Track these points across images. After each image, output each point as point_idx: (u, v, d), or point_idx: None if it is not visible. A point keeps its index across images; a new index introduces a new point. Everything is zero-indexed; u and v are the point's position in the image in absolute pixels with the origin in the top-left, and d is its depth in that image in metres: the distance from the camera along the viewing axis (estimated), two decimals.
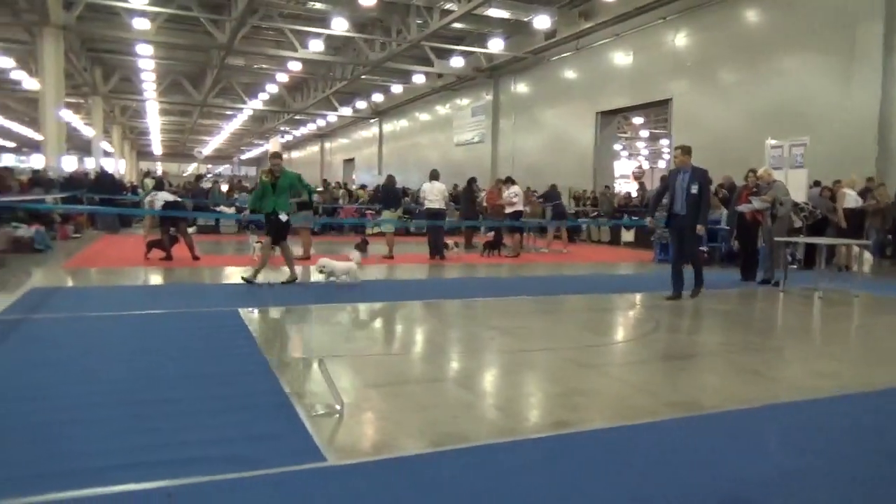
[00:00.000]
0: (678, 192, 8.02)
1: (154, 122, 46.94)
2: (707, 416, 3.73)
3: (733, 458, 3.12)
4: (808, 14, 15.39)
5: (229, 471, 2.75)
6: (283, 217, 8.55)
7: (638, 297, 8.70)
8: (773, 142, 14.12)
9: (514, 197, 14.63)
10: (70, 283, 8.47)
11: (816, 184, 13.20)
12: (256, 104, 38.07)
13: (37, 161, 31.78)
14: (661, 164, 40.74)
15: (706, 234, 10.35)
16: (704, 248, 11.49)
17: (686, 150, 8.15)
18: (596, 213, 19.53)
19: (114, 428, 3.27)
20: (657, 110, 26.85)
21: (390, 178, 14.09)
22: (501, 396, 4.20)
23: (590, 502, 2.61)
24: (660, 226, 8.58)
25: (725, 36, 17.66)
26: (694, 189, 7.89)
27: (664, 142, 36.92)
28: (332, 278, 8.61)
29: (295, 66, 28.89)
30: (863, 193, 12.47)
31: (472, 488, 2.70)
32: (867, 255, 11.73)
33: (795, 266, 11.88)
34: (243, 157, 69.52)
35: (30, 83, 28.91)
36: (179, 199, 12.74)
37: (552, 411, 3.85)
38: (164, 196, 11.58)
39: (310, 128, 49.23)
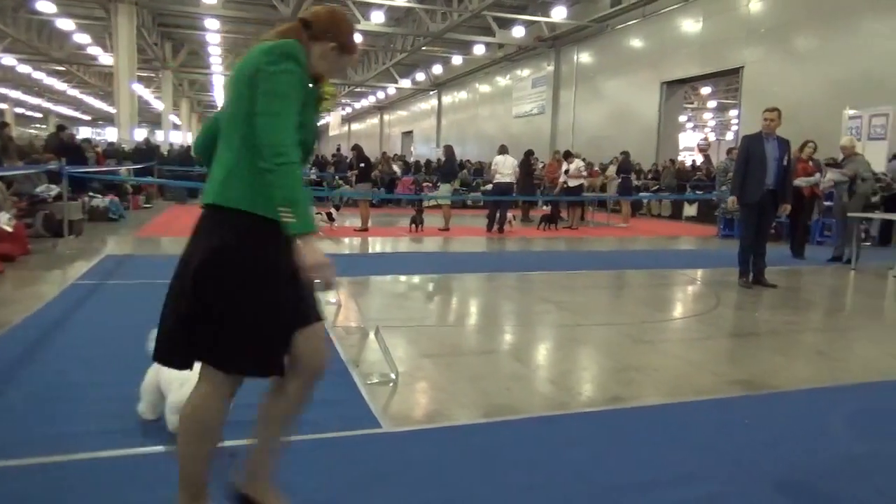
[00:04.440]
0: (770, 162, 6.98)
1: (220, 95, 48.12)
2: (769, 396, 3.64)
3: (795, 439, 3.03)
4: None
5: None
6: None
7: (699, 273, 8.48)
8: (852, 112, 13.36)
9: (581, 171, 14.59)
10: (142, 252, 8.86)
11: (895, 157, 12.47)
12: None
13: (111, 133, 33.20)
14: (729, 136, 39.17)
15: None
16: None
17: (780, 114, 7.10)
18: (658, 188, 19.01)
19: None
20: (727, 80, 25.78)
21: (449, 150, 14.05)
22: (555, 370, 4.19)
23: (642, 478, 2.60)
24: (750, 202, 7.11)
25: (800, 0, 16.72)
26: (785, 161, 7.09)
27: (732, 112, 35.43)
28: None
29: (356, 38, 29.00)
30: None
31: (523, 459, 2.72)
32: None
33: (869, 243, 11.30)
34: None
35: (105, 58, 30.12)
36: None
37: (606, 386, 3.83)
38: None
39: (370, 100, 49.53)
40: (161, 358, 2.00)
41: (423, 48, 29.95)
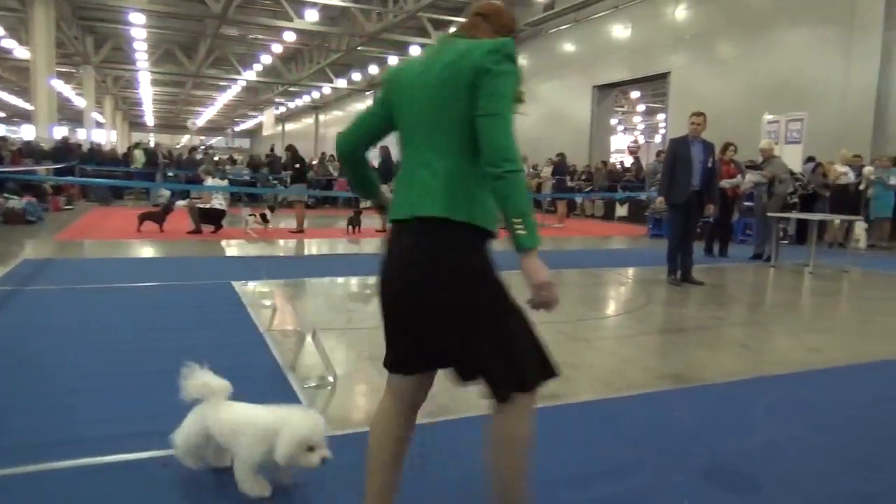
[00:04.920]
0: (696, 164, 7.27)
1: (146, 92, 46.42)
2: (696, 389, 3.79)
3: (722, 429, 3.17)
4: None
5: None
6: None
7: (631, 271, 8.75)
8: (770, 117, 14.08)
9: None
10: (63, 255, 8.45)
11: (810, 159, 13.20)
12: (250, 75, 37.62)
13: (27, 132, 31.46)
14: (658, 139, 40.58)
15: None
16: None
17: (705, 118, 7.39)
18: (591, 189, 19.50)
19: (108, 399, 3.30)
20: (654, 84, 26.64)
21: (384, 150, 14.01)
22: None
23: (577, 472, 2.66)
24: (677, 203, 7.37)
25: (725, 9, 17.49)
26: (710, 163, 7.39)
27: (660, 116, 36.71)
28: None
29: (290, 37, 28.50)
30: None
31: (464, 459, 2.74)
32: (859, 231, 11.78)
33: (787, 241, 11.93)
34: (237, 128, 68.92)
35: (20, 52, 28.51)
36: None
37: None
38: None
39: (304, 100, 48.77)
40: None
41: (359, 48, 29.73)
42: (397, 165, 2.13)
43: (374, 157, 15.11)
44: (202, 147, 37.04)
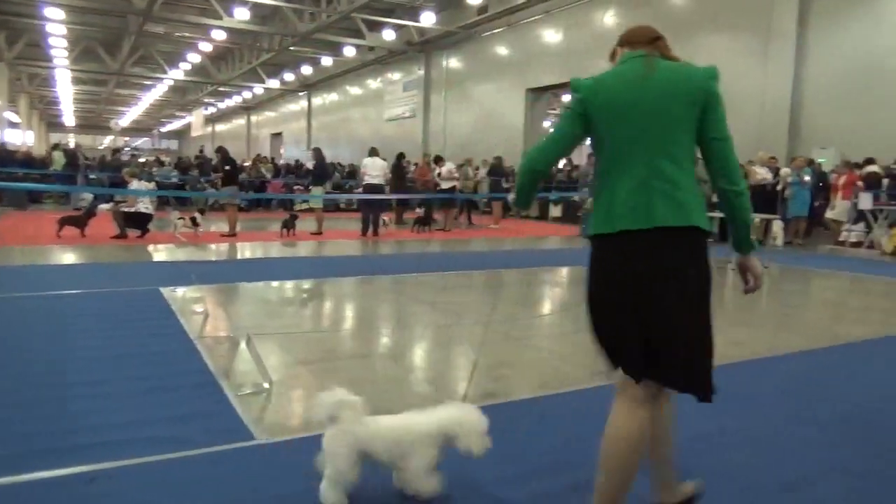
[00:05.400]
0: None
1: (66, 91, 44.22)
2: None
3: None
4: None
5: (153, 453, 2.68)
6: None
7: (565, 270, 8.93)
8: None
9: (453, 173, 14.94)
10: None
11: None
12: (177, 74, 36.41)
13: None
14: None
15: None
16: None
17: None
18: None
19: (32, 413, 3.13)
20: None
21: (318, 152, 13.86)
22: (431, 370, 4.24)
23: (515, 470, 2.69)
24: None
25: (652, 15, 18.09)
26: None
27: None
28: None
29: (219, 35, 27.76)
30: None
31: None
32: (777, 229, 12.40)
33: (711, 240, 12.43)
34: (164, 129, 66.56)
35: None
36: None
37: (480, 383, 3.93)
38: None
39: (235, 100, 47.57)
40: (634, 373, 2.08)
41: (292, 48, 29.24)
42: (332, 166, 2.13)
43: (307, 159, 14.94)
44: (127, 149, 35.59)
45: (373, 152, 13.53)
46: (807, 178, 12.45)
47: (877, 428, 3.27)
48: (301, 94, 40.35)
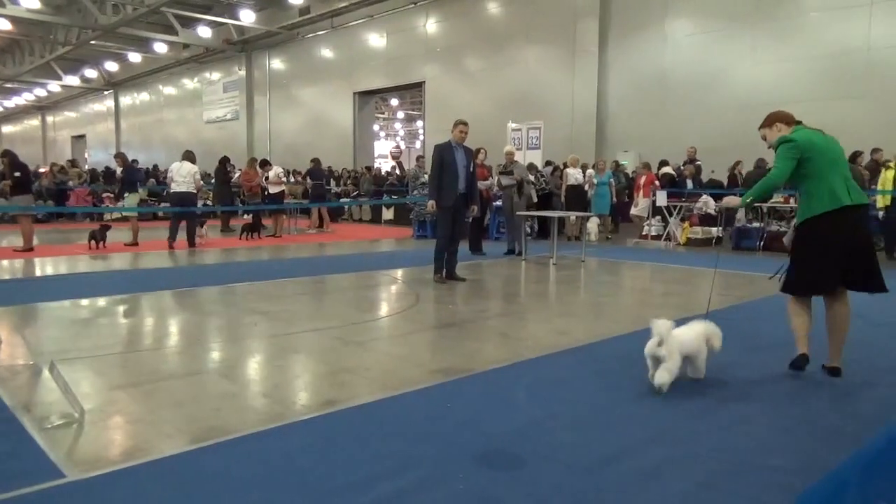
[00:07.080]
0: (460, 169, 7.77)
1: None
2: (466, 379, 4.02)
3: (489, 414, 3.40)
4: (538, 8, 17.12)
5: None
6: None
7: (399, 272, 9.02)
8: (514, 125, 15.54)
9: (281, 177, 14.48)
10: None
11: (548, 163, 14.85)
12: None
13: None
14: (418, 145, 42.45)
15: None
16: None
17: (468, 126, 7.92)
18: (357, 193, 19.75)
19: None
20: (412, 92, 27.89)
21: (123, 157, 12.75)
22: (267, 383, 4.07)
23: (360, 475, 2.66)
24: (446, 205, 7.71)
25: (470, 25, 18.89)
26: (471, 167, 7.94)
27: (419, 123, 38.49)
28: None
29: (4, 25, 24.54)
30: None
31: (240, 479, 2.59)
32: (592, 225, 13.51)
33: (532, 237, 13.25)
34: None
35: None
36: None
37: (321, 391, 3.84)
38: None
39: (26, 98, 42.36)
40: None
41: (93, 42, 26.64)
42: (146, 172, 1.95)
43: (117, 166, 13.72)
44: None
45: (186, 156, 12.13)
46: (606, 179, 13.71)
47: (687, 394, 3.66)
48: (106, 92, 36.96)
